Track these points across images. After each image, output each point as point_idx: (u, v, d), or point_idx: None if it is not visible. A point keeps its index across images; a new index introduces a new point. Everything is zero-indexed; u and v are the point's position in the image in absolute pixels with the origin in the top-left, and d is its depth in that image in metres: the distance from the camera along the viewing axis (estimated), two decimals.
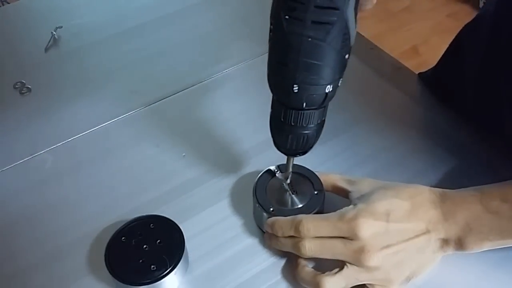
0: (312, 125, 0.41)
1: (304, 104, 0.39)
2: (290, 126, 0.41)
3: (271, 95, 0.42)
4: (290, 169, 0.48)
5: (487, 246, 0.43)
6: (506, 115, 0.51)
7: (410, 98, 0.65)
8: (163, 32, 0.75)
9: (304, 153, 0.44)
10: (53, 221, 0.52)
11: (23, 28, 0.78)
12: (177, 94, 0.65)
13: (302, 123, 0.41)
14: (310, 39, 0.35)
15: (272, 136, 0.44)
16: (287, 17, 0.35)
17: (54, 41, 0.74)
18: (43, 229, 0.51)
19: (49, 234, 0.51)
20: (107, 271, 0.44)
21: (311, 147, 0.44)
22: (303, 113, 0.40)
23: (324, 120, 0.43)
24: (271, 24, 0.38)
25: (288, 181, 0.49)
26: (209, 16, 0.78)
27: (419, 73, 0.68)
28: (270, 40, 0.39)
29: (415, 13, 2.19)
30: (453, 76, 0.62)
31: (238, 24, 0.76)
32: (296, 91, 0.38)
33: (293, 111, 0.40)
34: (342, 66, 0.38)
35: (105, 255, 0.45)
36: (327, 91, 0.38)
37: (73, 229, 0.51)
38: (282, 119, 0.41)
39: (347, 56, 0.38)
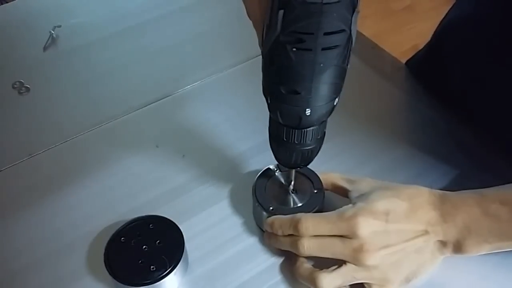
0: (316, 140, 0.41)
1: (315, 123, 0.39)
2: (293, 144, 0.41)
3: None
4: (292, 178, 0.49)
5: (486, 249, 0.43)
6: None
7: (411, 98, 0.64)
8: (162, 31, 0.75)
9: (306, 165, 0.44)
10: (53, 221, 0.52)
11: (21, 27, 0.77)
12: (177, 93, 0.65)
13: (306, 140, 0.40)
14: (321, 65, 0.34)
15: (274, 154, 0.44)
16: (294, 49, 0.34)
17: (52, 41, 0.73)
18: (43, 229, 0.51)
19: (48, 234, 0.51)
20: (106, 272, 0.44)
21: (313, 159, 0.43)
22: (307, 131, 0.39)
23: (325, 132, 0.42)
24: (267, 57, 0.36)
25: (292, 187, 0.49)
26: (207, 15, 0.78)
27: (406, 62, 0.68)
28: (268, 70, 0.37)
29: (416, 12, 2.18)
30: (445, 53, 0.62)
31: (237, 24, 0.76)
32: (308, 114, 0.37)
33: (297, 131, 0.39)
34: (345, 75, 0.37)
35: (105, 255, 0.45)
36: (335, 103, 0.38)
37: (73, 229, 0.51)
38: (284, 139, 0.41)
39: (348, 65, 0.37)
